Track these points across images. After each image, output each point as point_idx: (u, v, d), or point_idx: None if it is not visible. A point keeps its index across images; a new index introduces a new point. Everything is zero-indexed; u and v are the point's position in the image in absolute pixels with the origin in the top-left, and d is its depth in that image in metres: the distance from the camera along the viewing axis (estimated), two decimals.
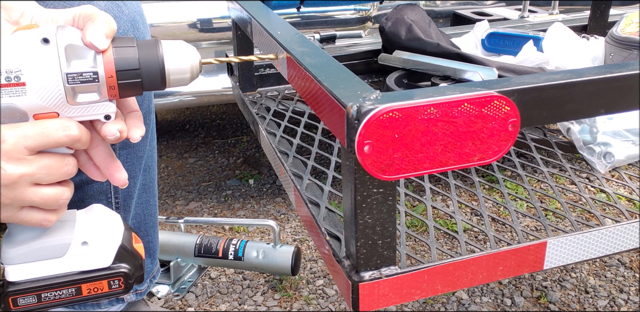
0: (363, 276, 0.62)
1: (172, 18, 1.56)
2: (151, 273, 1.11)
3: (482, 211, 0.80)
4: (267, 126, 1.08)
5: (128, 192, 0.99)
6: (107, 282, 0.62)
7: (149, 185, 1.05)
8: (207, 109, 2.55)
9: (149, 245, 1.08)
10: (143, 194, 1.04)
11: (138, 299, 1.09)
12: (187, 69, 0.59)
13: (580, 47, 1.22)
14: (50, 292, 0.61)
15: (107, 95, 0.56)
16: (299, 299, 1.33)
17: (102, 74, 0.55)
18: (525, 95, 0.56)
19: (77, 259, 0.61)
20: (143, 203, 1.04)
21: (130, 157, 0.97)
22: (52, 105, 0.54)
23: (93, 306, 1.04)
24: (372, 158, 0.53)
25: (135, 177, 1.00)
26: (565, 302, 1.30)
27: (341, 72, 0.63)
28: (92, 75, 0.55)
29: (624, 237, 0.72)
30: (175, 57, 0.58)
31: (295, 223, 1.65)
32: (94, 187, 0.96)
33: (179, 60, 0.58)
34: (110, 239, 0.63)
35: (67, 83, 0.54)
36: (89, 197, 0.96)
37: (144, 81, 0.57)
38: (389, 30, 1.22)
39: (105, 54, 0.55)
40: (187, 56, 0.59)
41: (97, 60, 0.55)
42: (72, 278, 0.61)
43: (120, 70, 0.56)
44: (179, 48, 0.59)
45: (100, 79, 0.55)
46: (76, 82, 0.54)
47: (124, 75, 0.56)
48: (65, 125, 0.55)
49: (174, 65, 0.58)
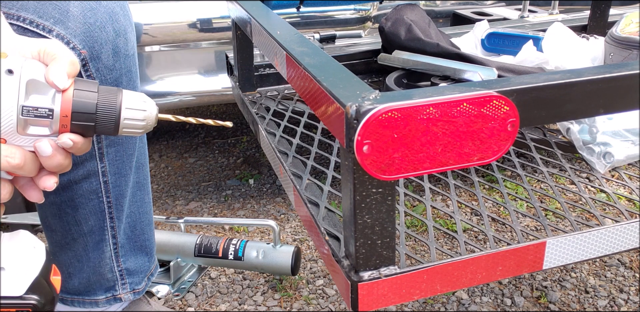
0: (362, 275, 0.62)
1: (172, 18, 1.56)
2: (149, 271, 1.10)
3: (481, 211, 0.80)
4: (267, 126, 1.08)
5: (120, 191, 0.98)
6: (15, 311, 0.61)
7: (142, 182, 1.04)
8: (207, 109, 2.55)
9: (145, 243, 1.07)
10: (137, 192, 1.03)
11: (136, 298, 1.08)
12: (142, 121, 0.61)
13: (580, 47, 1.22)
14: None
15: (58, 132, 0.58)
16: (299, 299, 1.33)
17: (57, 112, 0.57)
18: (524, 95, 0.56)
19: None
20: (137, 201, 1.03)
21: (120, 155, 0.96)
22: (2, 133, 0.56)
23: (91, 304, 1.04)
24: (372, 158, 0.52)
25: (126, 176, 0.99)
26: (565, 302, 1.30)
27: (340, 72, 0.63)
28: (48, 111, 0.57)
29: (624, 237, 0.72)
30: (133, 109, 0.61)
31: (295, 223, 1.65)
32: (83, 187, 0.94)
33: (135, 112, 0.61)
34: (29, 268, 0.62)
35: (21, 114, 0.56)
36: (79, 197, 0.95)
37: (97, 125, 0.59)
38: (388, 30, 1.22)
39: (65, 94, 0.57)
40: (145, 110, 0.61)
41: (56, 98, 0.57)
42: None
43: (76, 112, 0.58)
44: (139, 101, 0.61)
45: (54, 116, 0.57)
46: (30, 115, 0.56)
47: (79, 117, 0.58)
48: (10, 152, 0.56)
49: (130, 116, 0.60)
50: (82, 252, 0.99)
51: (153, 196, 1.83)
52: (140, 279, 1.08)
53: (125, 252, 1.03)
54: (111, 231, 0.99)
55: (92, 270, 1.01)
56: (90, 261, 1.00)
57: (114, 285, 1.04)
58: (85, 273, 1.01)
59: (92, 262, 1.00)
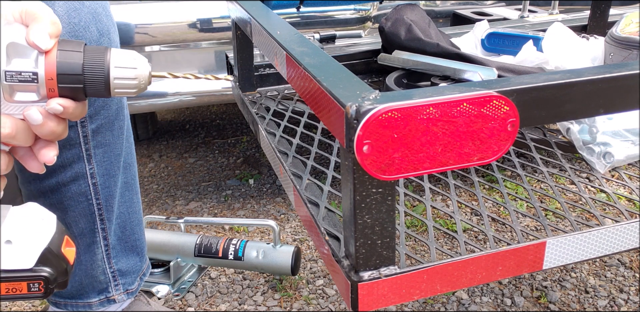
0: (362, 276, 0.62)
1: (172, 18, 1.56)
2: (140, 271, 1.10)
3: (481, 211, 0.80)
4: (267, 126, 1.08)
5: (109, 192, 0.98)
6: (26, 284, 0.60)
7: (130, 183, 1.03)
8: (207, 109, 2.55)
9: (136, 243, 1.07)
10: (125, 193, 1.02)
11: (130, 299, 1.08)
12: (133, 80, 0.58)
13: (580, 47, 1.22)
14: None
15: (47, 96, 0.56)
16: (299, 299, 1.33)
17: (42, 75, 0.54)
18: (524, 95, 0.56)
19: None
20: (126, 201, 1.03)
21: (108, 156, 0.95)
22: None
23: (85, 307, 1.04)
24: (371, 158, 0.52)
25: (115, 176, 0.98)
26: (565, 302, 1.30)
27: (340, 72, 0.63)
28: (32, 75, 0.54)
29: (624, 237, 0.72)
30: (123, 67, 0.57)
31: (295, 223, 1.65)
32: (72, 189, 0.94)
33: (126, 70, 0.57)
34: (37, 240, 0.61)
35: (4, 80, 0.54)
36: (67, 199, 0.94)
37: (86, 87, 0.56)
38: (388, 30, 1.22)
39: (48, 56, 0.55)
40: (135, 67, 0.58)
41: (39, 61, 0.54)
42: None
43: (62, 74, 0.55)
44: (129, 58, 0.58)
45: (39, 80, 0.54)
46: (14, 80, 0.54)
47: (65, 79, 0.55)
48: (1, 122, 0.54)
49: (120, 75, 0.57)
50: None
51: (153, 196, 1.83)
52: (133, 279, 1.07)
53: (116, 253, 1.03)
54: (102, 233, 0.99)
55: (84, 273, 1.00)
56: (82, 264, 1.00)
57: (107, 287, 1.04)
58: (78, 276, 1.01)
59: (84, 264, 1.00)
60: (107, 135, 0.94)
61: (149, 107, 1.64)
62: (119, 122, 0.96)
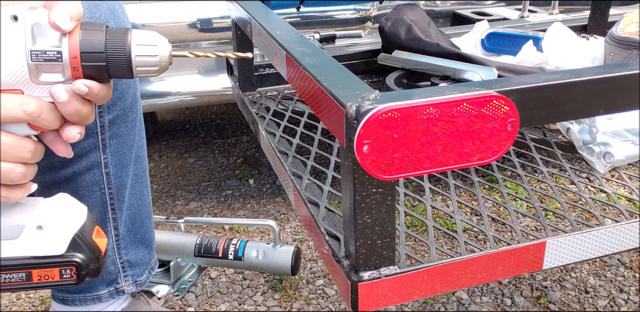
0: (362, 276, 0.62)
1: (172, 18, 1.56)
2: (149, 264, 1.10)
3: (481, 211, 0.80)
4: (267, 126, 1.08)
5: (121, 183, 0.99)
6: (58, 270, 0.61)
7: (141, 175, 1.04)
8: (207, 109, 2.55)
9: (145, 236, 1.07)
10: (136, 185, 1.03)
11: (138, 290, 1.08)
12: (154, 58, 0.59)
13: (580, 47, 1.22)
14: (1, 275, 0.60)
15: (72, 76, 0.57)
16: (299, 299, 1.33)
17: (65, 54, 0.56)
18: (524, 95, 0.56)
19: (30, 243, 0.60)
20: (137, 193, 1.04)
21: (121, 147, 0.97)
22: (16, 82, 0.55)
23: (94, 300, 1.04)
24: (371, 158, 0.53)
25: (127, 167, 0.99)
26: (565, 302, 1.30)
27: (340, 72, 0.63)
28: (56, 54, 0.55)
29: (624, 237, 0.72)
30: (144, 46, 0.59)
31: (295, 223, 1.65)
32: (87, 179, 0.95)
33: (146, 48, 0.59)
34: (67, 226, 0.61)
35: (30, 60, 0.55)
36: (82, 189, 0.96)
37: (109, 66, 0.58)
38: (388, 31, 1.22)
39: (71, 36, 0.56)
40: (155, 45, 0.59)
41: (63, 40, 0.56)
42: (23, 262, 0.60)
43: (85, 52, 0.56)
44: (149, 38, 0.59)
45: (63, 59, 0.56)
46: (39, 59, 0.55)
47: (88, 57, 0.57)
48: (24, 101, 0.55)
49: (141, 52, 0.58)
50: None
51: (153, 196, 1.83)
52: (142, 271, 1.08)
53: (126, 244, 1.04)
54: (113, 223, 1.00)
55: None
56: None
57: (117, 278, 1.04)
58: None
59: None
60: (122, 127, 0.96)
61: (149, 107, 1.64)
62: (133, 114, 0.98)
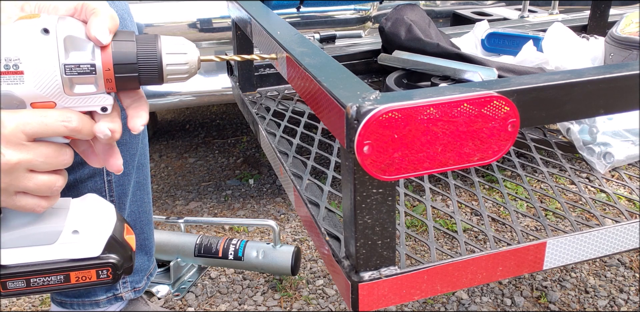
0: (362, 276, 0.62)
1: (172, 18, 1.56)
2: (148, 271, 1.10)
3: (482, 211, 0.80)
4: (267, 126, 1.08)
5: (123, 190, 0.99)
6: (95, 271, 0.62)
7: (142, 182, 1.04)
8: (207, 109, 2.55)
9: (144, 242, 1.07)
10: (137, 192, 1.03)
11: (137, 297, 1.08)
12: (184, 65, 0.59)
13: (580, 47, 1.22)
14: (39, 278, 0.61)
15: (105, 87, 0.57)
16: (299, 299, 1.33)
17: (99, 66, 0.56)
18: (524, 96, 0.56)
19: (67, 246, 0.61)
20: (138, 201, 1.04)
21: (124, 155, 0.97)
22: (49, 95, 0.55)
23: (92, 305, 1.04)
24: (372, 158, 0.52)
25: (129, 175, 1.00)
26: (565, 302, 1.30)
27: (341, 72, 0.63)
28: (90, 67, 0.55)
29: (624, 237, 0.72)
30: (174, 53, 0.59)
31: (295, 223, 1.65)
32: (88, 186, 0.95)
33: (177, 56, 0.59)
34: (101, 229, 0.63)
35: (64, 74, 0.55)
36: None
37: (141, 75, 0.58)
38: (388, 31, 1.22)
39: (104, 47, 0.56)
40: (185, 53, 0.59)
41: (96, 52, 0.55)
42: (61, 265, 0.61)
43: (118, 64, 0.56)
44: (178, 44, 0.59)
45: (97, 72, 0.56)
46: (73, 73, 0.55)
47: (122, 68, 0.56)
48: (66, 116, 0.55)
49: (171, 61, 0.59)
50: None
51: (153, 196, 1.83)
52: (141, 277, 1.08)
53: None
54: None
55: None
56: None
57: (115, 284, 1.04)
58: None
59: None
60: (125, 135, 0.96)
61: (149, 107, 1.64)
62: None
